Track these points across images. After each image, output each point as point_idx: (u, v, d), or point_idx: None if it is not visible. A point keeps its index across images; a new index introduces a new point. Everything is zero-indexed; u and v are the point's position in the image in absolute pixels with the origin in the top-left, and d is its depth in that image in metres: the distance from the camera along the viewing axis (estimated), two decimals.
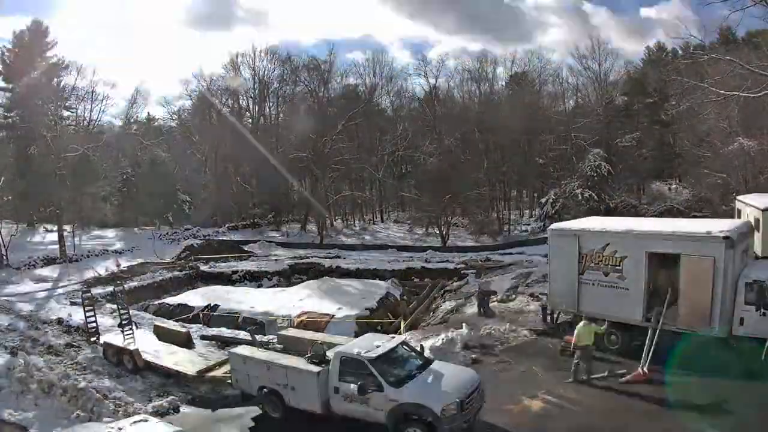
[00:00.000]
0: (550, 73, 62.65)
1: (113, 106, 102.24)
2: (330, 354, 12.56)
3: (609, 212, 44.65)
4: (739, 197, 27.04)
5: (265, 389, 12.89)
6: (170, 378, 15.71)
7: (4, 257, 36.95)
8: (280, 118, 66.61)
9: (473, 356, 16.57)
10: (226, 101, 64.58)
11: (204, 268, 37.28)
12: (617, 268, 15.85)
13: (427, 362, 12.61)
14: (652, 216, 43.17)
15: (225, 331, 22.27)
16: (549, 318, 18.93)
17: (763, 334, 13.48)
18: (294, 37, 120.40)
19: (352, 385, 11.59)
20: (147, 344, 17.31)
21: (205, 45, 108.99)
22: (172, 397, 14.50)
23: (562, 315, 18.52)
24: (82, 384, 14.33)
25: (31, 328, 20.35)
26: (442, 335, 17.81)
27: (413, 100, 69.18)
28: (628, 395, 13.15)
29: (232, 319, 24.47)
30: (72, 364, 16.44)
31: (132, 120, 69.86)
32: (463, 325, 18.77)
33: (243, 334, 21.14)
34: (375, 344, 12.53)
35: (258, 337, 18.15)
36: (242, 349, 14.24)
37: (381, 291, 28.65)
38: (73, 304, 25.10)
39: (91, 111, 60.84)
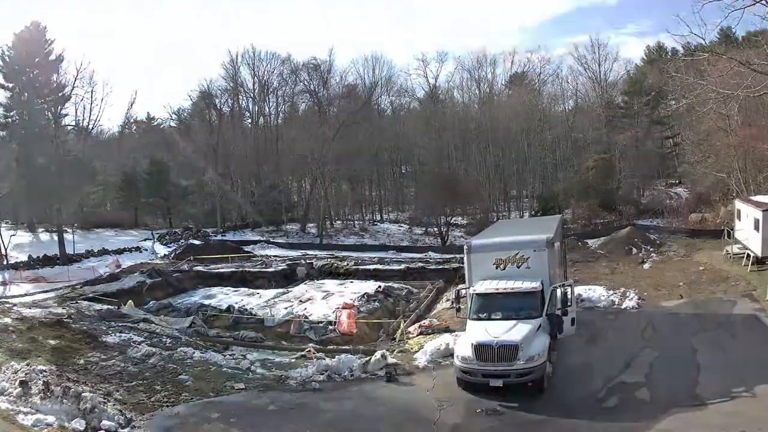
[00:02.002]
0: (550, 73, 62.70)
1: (113, 106, 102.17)
2: None
3: (609, 211, 44.65)
4: (739, 198, 27.12)
5: None
6: None
7: (4, 258, 36.93)
8: (280, 118, 66.69)
9: None
10: (226, 101, 64.64)
11: (203, 268, 37.25)
12: None
13: None
14: (652, 215, 43.28)
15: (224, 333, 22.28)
16: None
17: None
18: (294, 37, 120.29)
19: None
20: None
21: (205, 45, 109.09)
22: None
23: None
24: (83, 386, 14.32)
25: (31, 330, 20.29)
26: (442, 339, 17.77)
27: (413, 99, 69.28)
28: None
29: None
30: (73, 366, 16.39)
31: (131, 120, 69.89)
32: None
33: (244, 333, 21.19)
34: None
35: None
36: None
37: (380, 291, 28.62)
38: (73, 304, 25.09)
39: (90, 110, 60.90)
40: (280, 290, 31.15)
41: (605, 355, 15.94)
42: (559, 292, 14.74)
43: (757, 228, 22.65)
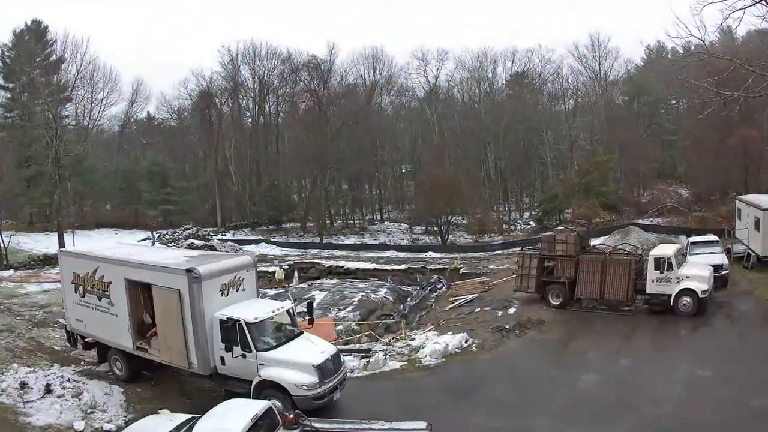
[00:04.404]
0: (550, 73, 62.55)
1: (113, 105, 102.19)
2: None
3: (609, 211, 44.62)
4: (739, 197, 27.12)
5: None
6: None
7: (4, 258, 36.90)
8: (280, 118, 66.61)
9: None
10: (226, 101, 64.55)
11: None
12: (106, 293, 15.12)
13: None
14: (652, 214, 43.25)
15: None
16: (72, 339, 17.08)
17: (242, 375, 12.88)
18: (294, 35, 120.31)
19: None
20: None
21: (205, 43, 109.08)
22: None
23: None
24: (83, 386, 14.35)
25: (31, 329, 20.33)
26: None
27: (413, 99, 69.09)
28: None
29: None
30: (73, 366, 16.38)
31: (132, 119, 69.88)
32: None
33: None
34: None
35: None
36: None
37: (380, 291, 28.70)
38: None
39: (90, 110, 60.98)
40: (281, 290, 31.19)
41: None
42: None
43: (757, 227, 22.66)
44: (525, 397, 13.72)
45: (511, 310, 21.46)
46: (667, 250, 19.93)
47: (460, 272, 32.65)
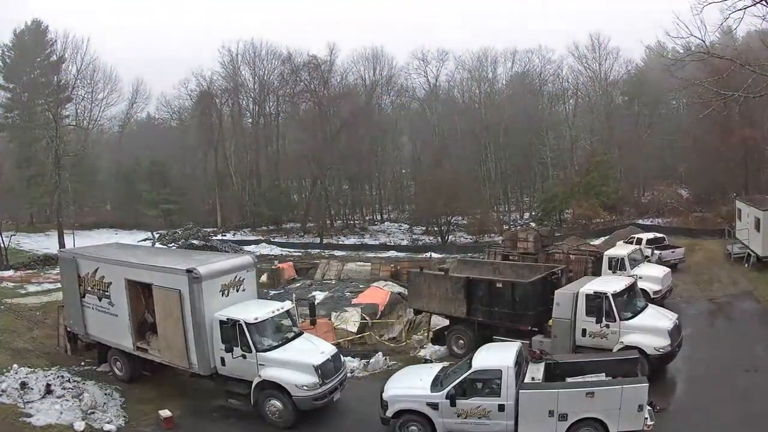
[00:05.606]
0: (551, 73, 62.44)
1: (113, 106, 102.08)
2: None
3: (609, 211, 44.67)
4: (740, 198, 27.17)
5: None
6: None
7: (4, 258, 36.90)
8: (280, 118, 66.61)
9: None
10: (226, 101, 64.57)
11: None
12: (106, 293, 15.05)
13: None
14: (652, 214, 43.27)
15: None
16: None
17: (242, 376, 12.82)
18: (294, 35, 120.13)
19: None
20: None
21: (205, 43, 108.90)
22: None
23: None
24: (82, 386, 14.36)
25: (32, 330, 20.32)
26: None
27: (413, 99, 68.99)
28: None
29: None
30: (74, 367, 16.38)
31: (132, 119, 69.88)
32: None
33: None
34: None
35: None
36: None
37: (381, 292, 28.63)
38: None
39: (91, 110, 60.97)
40: (281, 290, 31.23)
41: None
42: None
43: (758, 228, 22.68)
44: None
45: None
46: (621, 250, 20.63)
47: None
